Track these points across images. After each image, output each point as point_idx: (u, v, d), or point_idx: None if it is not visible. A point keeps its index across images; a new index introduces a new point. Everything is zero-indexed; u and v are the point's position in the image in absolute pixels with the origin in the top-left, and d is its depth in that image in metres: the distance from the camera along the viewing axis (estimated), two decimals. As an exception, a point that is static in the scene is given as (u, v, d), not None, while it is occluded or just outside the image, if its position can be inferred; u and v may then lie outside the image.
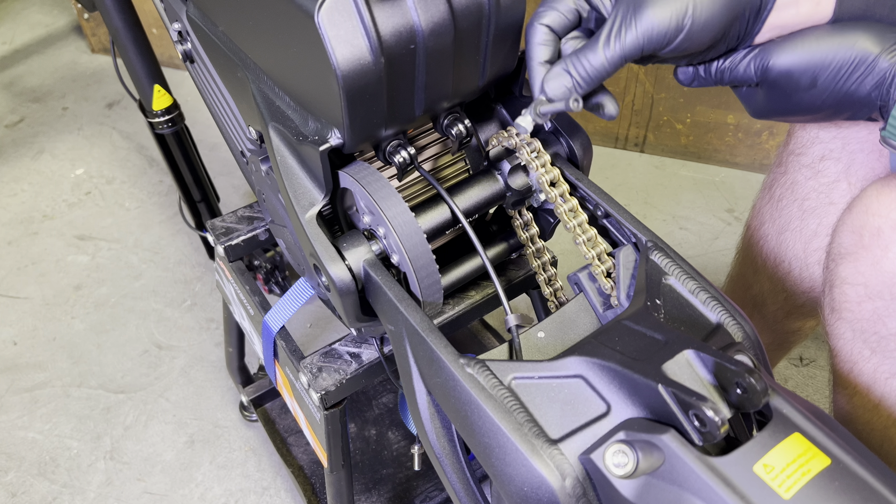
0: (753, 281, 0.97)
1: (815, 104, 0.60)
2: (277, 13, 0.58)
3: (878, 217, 0.62)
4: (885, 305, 0.63)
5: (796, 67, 0.59)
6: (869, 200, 0.63)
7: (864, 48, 0.56)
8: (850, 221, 0.65)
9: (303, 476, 1.11)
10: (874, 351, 0.66)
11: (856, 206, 0.65)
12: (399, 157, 0.65)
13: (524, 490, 0.49)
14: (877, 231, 0.62)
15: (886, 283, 0.62)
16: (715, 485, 0.42)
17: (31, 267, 1.60)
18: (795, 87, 0.59)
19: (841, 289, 0.67)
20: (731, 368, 0.45)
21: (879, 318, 0.64)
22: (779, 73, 0.59)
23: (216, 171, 1.73)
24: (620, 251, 0.62)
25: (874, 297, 0.64)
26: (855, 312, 0.66)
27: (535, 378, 0.52)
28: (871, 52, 0.56)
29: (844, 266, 0.66)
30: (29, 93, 2.14)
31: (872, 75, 0.56)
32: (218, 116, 0.87)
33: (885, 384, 0.67)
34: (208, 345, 1.42)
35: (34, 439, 1.27)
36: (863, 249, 0.63)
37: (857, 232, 0.64)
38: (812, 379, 1.31)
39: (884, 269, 0.62)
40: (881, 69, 0.55)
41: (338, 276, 0.63)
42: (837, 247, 0.67)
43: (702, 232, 1.61)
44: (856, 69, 0.57)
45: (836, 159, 0.79)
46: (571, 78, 0.59)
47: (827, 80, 0.58)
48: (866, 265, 0.63)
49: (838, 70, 0.57)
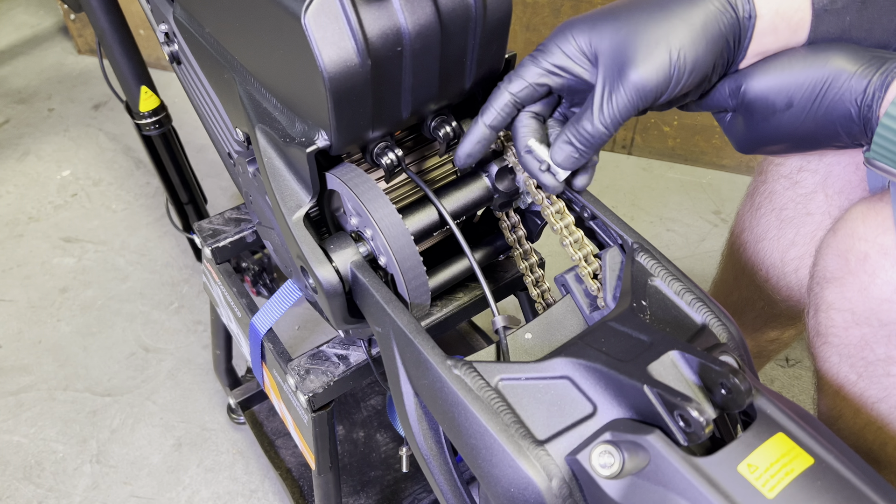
0: (734, 287, 0.97)
1: (795, 126, 0.59)
2: (264, 15, 0.58)
3: (865, 242, 0.61)
4: (873, 332, 0.62)
5: (771, 89, 0.58)
6: (854, 224, 0.62)
7: (839, 67, 0.56)
8: (836, 245, 0.64)
9: (291, 479, 1.11)
10: (861, 376, 0.66)
11: (841, 228, 0.64)
12: (386, 158, 0.65)
13: (511, 491, 0.49)
14: (863, 256, 0.61)
15: (874, 309, 0.61)
16: (700, 485, 0.43)
17: (17, 269, 1.59)
18: (772, 109, 0.59)
19: (827, 314, 0.66)
20: (716, 369, 0.45)
21: (867, 343, 0.63)
22: (754, 95, 0.59)
23: (203, 172, 1.72)
24: (607, 253, 0.63)
25: (861, 324, 0.63)
26: (842, 338, 0.65)
27: (521, 379, 0.52)
28: (845, 71, 0.55)
29: (830, 291, 0.65)
30: (14, 94, 2.13)
31: (850, 93, 0.55)
32: (205, 118, 0.87)
33: (871, 409, 0.67)
34: (195, 347, 1.41)
35: (19, 443, 1.26)
36: (849, 275, 0.62)
37: (842, 256, 0.63)
38: (798, 380, 1.32)
39: (871, 296, 0.61)
40: (858, 87, 0.55)
41: (325, 278, 0.63)
42: (822, 270, 0.66)
43: (688, 234, 1.62)
44: (831, 87, 0.56)
45: (814, 171, 0.79)
46: (576, 148, 0.59)
47: (803, 99, 0.57)
48: (853, 291, 0.62)
49: (813, 88, 0.57)
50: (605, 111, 0.57)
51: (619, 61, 0.56)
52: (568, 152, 0.59)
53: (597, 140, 0.58)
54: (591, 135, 0.58)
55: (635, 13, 0.57)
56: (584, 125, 0.58)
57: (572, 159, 0.59)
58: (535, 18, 1.72)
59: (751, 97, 0.59)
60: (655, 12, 0.57)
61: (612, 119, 0.57)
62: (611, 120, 0.57)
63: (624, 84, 0.56)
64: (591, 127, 0.57)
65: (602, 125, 0.57)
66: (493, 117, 0.62)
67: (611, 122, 0.57)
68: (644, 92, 0.56)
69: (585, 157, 0.59)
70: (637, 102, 0.56)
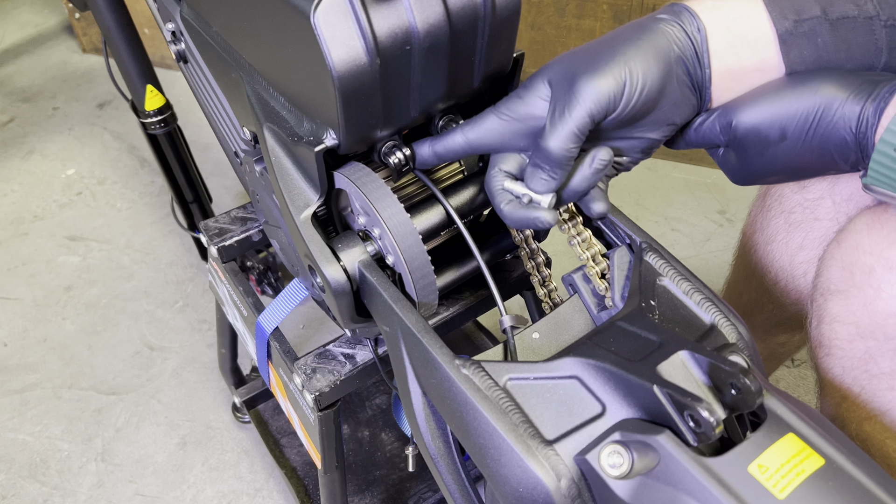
0: (744, 289, 0.97)
1: (792, 157, 0.58)
2: (273, 14, 0.58)
3: (870, 255, 0.60)
4: (878, 345, 0.61)
5: (762, 122, 0.57)
6: (859, 237, 0.62)
7: (829, 94, 0.55)
8: (840, 257, 0.63)
9: (296, 478, 1.11)
10: (864, 389, 0.65)
11: (845, 240, 0.63)
12: (394, 158, 0.65)
13: (519, 491, 0.49)
14: (869, 270, 0.60)
15: (879, 323, 0.60)
16: (710, 485, 0.43)
17: (22, 268, 1.59)
18: (766, 143, 0.58)
19: (831, 326, 0.65)
20: (726, 369, 0.45)
21: (871, 357, 0.63)
22: (746, 130, 0.58)
23: (208, 171, 1.72)
24: (615, 252, 0.62)
25: (866, 337, 0.62)
26: (846, 350, 0.64)
27: (530, 379, 0.52)
28: (837, 97, 0.54)
29: (834, 303, 0.64)
30: (19, 93, 2.13)
31: (844, 120, 0.54)
32: (211, 117, 0.87)
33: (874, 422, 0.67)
34: (200, 346, 1.41)
35: (24, 441, 1.26)
36: (854, 288, 0.62)
37: (847, 269, 0.62)
38: (803, 380, 1.32)
39: (876, 310, 0.60)
40: (852, 114, 0.54)
41: (333, 277, 0.63)
42: (826, 282, 0.65)
43: (693, 233, 1.62)
44: (824, 115, 0.55)
45: (822, 177, 0.78)
46: (543, 170, 0.58)
47: (797, 130, 0.56)
48: (858, 305, 0.61)
49: (805, 118, 0.56)
50: (558, 127, 0.56)
51: (569, 78, 0.56)
52: (538, 176, 0.58)
53: (560, 157, 0.56)
54: (553, 152, 0.56)
55: (585, 45, 0.59)
56: (546, 144, 0.56)
57: (543, 182, 0.58)
58: (539, 17, 1.72)
59: (743, 131, 0.59)
60: (604, 38, 0.58)
61: (567, 133, 0.55)
62: (566, 134, 0.56)
63: (574, 94, 0.55)
64: (552, 143, 0.56)
65: (559, 140, 0.56)
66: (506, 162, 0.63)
67: (566, 137, 0.56)
68: (595, 96, 0.55)
69: (556, 178, 0.58)
70: (589, 108, 0.55)
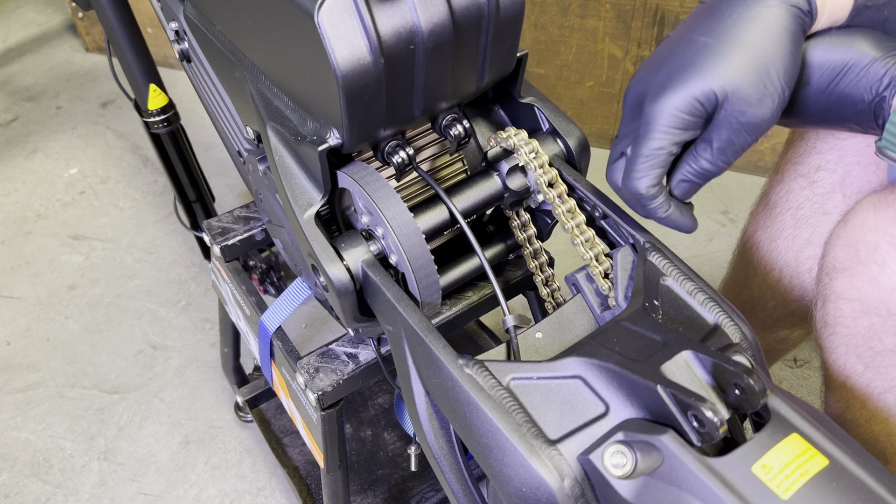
0: (745, 286, 0.97)
1: (808, 105, 0.59)
2: (276, 13, 0.58)
3: (875, 232, 0.61)
4: (882, 321, 0.62)
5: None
6: (865, 215, 0.63)
7: (861, 51, 0.56)
8: (846, 235, 0.64)
9: (298, 477, 1.11)
10: (868, 366, 0.66)
11: (851, 219, 0.64)
12: (397, 157, 0.65)
13: (523, 490, 0.49)
14: (874, 246, 0.61)
15: (883, 299, 0.61)
16: (714, 485, 0.43)
17: (25, 266, 1.59)
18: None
19: (836, 304, 0.66)
20: (730, 369, 0.45)
21: (875, 334, 0.63)
22: None
23: (211, 170, 1.72)
24: (618, 252, 0.62)
25: (870, 314, 0.63)
26: (850, 328, 0.65)
27: (533, 379, 0.52)
28: (867, 56, 0.55)
29: (839, 281, 0.65)
30: (22, 91, 2.13)
31: (867, 79, 0.55)
32: (215, 116, 0.87)
33: (878, 399, 0.67)
34: (203, 345, 1.41)
35: (27, 440, 1.26)
36: (859, 265, 0.63)
37: (852, 247, 0.63)
38: (806, 380, 1.32)
39: (881, 286, 0.61)
40: (876, 74, 0.55)
41: (336, 277, 0.63)
42: (832, 261, 0.66)
43: (696, 234, 1.62)
44: (849, 72, 0.56)
45: (832, 170, 0.78)
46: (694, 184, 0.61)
47: (820, 80, 0.58)
48: (863, 281, 0.62)
49: (832, 71, 0.57)
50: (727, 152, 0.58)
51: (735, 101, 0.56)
52: (686, 189, 0.61)
53: (715, 174, 0.60)
54: (711, 172, 0.59)
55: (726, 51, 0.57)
56: (703, 164, 0.59)
57: (691, 193, 0.62)
58: (542, 17, 1.72)
59: None
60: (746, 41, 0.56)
61: (733, 157, 0.58)
62: (733, 157, 0.58)
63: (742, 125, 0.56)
64: (711, 166, 0.58)
65: (723, 163, 0.58)
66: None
67: (731, 159, 0.58)
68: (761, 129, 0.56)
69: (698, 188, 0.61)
70: (755, 138, 0.57)
